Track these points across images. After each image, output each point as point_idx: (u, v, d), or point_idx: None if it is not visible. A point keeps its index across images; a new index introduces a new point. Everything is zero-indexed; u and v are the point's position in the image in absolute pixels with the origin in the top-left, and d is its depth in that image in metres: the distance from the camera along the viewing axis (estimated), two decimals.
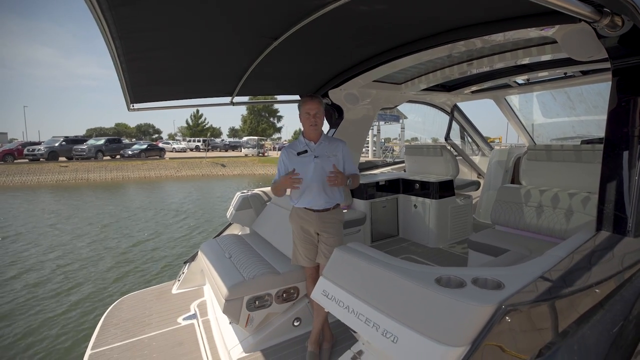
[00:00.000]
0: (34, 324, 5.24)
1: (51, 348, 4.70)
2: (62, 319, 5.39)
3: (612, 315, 1.10)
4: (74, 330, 5.08)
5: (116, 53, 1.94)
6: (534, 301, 1.06)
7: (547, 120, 5.22)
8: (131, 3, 1.47)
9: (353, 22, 2.09)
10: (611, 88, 1.58)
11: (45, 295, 6.15)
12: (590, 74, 3.70)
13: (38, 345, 4.77)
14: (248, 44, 2.30)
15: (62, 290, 6.37)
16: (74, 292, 6.30)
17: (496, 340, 0.99)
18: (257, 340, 2.33)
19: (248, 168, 29.60)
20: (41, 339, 4.90)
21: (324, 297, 1.53)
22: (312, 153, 2.24)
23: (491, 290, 1.10)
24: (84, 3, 1.30)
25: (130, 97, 2.84)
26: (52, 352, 4.63)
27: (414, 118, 19.50)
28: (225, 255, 2.79)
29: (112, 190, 19.90)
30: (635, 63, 1.51)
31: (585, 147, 2.85)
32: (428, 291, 1.16)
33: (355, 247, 1.66)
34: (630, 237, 1.34)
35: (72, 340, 4.85)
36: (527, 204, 2.87)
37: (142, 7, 1.54)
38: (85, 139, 29.89)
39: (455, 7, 1.92)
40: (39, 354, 4.58)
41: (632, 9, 1.30)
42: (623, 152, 1.47)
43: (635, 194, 1.39)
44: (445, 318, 1.08)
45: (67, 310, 5.63)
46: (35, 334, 5.00)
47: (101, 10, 1.41)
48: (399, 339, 1.14)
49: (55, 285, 6.54)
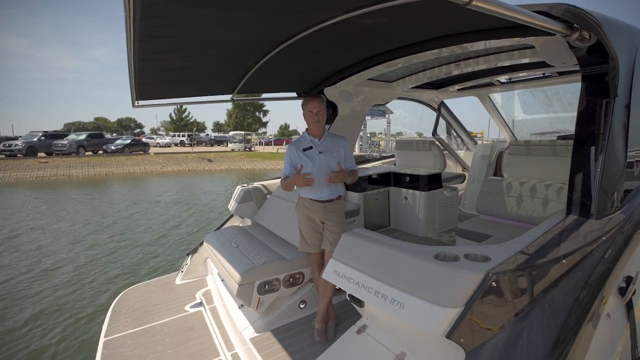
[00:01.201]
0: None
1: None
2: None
3: (575, 281, 1.35)
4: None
5: (133, 54, 2.05)
6: (514, 270, 1.29)
7: (527, 117, 5.57)
8: (159, 16, 1.61)
9: (355, 30, 2.27)
10: (580, 91, 1.83)
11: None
12: (566, 75, 4.02)
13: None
14: (256, 46, 2.44)
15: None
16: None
17: (485, 301, 1.22)
18: (266, 322, 2.53)
19: (235, 163, 29.43)
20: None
21: (335, 275, 1.73)
22: (316, 149, 2.43)
23: (480, 262, 1.33)
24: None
25: (136, 95, 2.94)
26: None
27: (401, 113, 19.92)
28: (233, 245, 2.96)
29: (102, 185, 19.51)
30: (600, 71, 1.76)
31: (560, 143, 3.15)
32: (428, 264, 1.38)
33: (360, 232, 1.87)
34: (593, 219, 1.60)
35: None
36: (509, 195, 3.16)
37: (167, 18, 1.68)
38: (65, 134, 28.98)
39: (446, 19, 2.13)
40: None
41: (597, 26, 1.54)
42: (590, 148, 1.72)
43: (598, 183, 1.65)
44: (443, 285, 1.30)
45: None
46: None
47: (133, 20, 1.54)
48: (405, 305, 1.36)
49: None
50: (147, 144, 32.24)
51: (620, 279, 1.51)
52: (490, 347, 1.18)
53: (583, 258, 1.43)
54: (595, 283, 1.38)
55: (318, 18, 2.00)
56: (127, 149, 29.00)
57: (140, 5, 1.39)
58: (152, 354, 2.51)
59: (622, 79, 1.74)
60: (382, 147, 30.74)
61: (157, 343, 2.65)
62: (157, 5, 1.48)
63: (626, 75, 1.80)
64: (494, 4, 1.13)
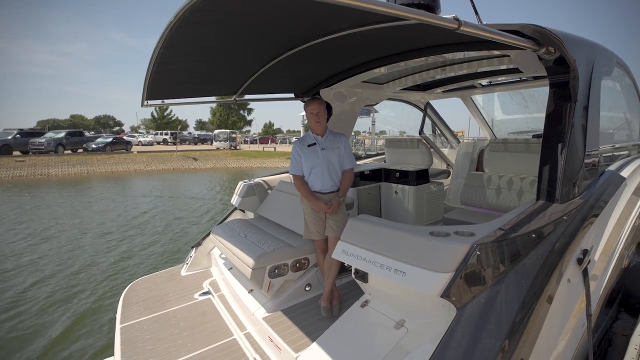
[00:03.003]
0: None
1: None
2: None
3: (542, 251, 1.68)
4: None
5: (156, 57, 2.22)
6: (494, 242, 1.60)
7: (505, 117, 6.03)
8: (194, 23, 1.78)
9: (354, 39, 2.54)
10: (548, 96, 2.17)
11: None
12: (540, 79, 4.43)
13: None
14: (265, 51, 2.66)
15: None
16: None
17: (471, 267, 1.52)
18: (276, 303, 2.78)
19: (221, 161, 29.27)
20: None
21: (345, 254, 2.01)
22: (319, 145, 2.70)
23: (467, 237, 1.63)
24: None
25: (147, 94, 3.10)
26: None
27: (387, 113, 20.38)
28: (241, 235, 3.19)
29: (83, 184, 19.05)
30: (563, 79, 2.10)
31: (533, 141, 3.55)
32: (425, 240, 1.68)
33: (364, 217, 2.16)
34: (557, 203, 1.95)
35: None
36: (489, 187, 3.53)
37: (197, 27, 1.87)
38: (42, 132, 28.08)
39: (433, 34, 2.43)
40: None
41: (559, 42, 1.88)
42: (556, 144, 2.06)
43: (561, 174, 1.99)
44: (437, 256, 1.60)
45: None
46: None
47: (171, 27, 1.71)
48: (406, 273, 1.65)
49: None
50: (129, 143, 31.62)
51: (578, 251, 1.85)
52: (476, 303, 1.48)
53: (549, 233, 1.77)
54: (558, 253, 1.72)
55: (328, 29, 2.25)
56: (108, 147, 28.38)
57: (184, 13, 1.52)
58: (169, 337, 2.71)
59: (581, 86, 2.09)
60: (367, 145, 31.24)
61: (172, 327, 2.85)
62: (196, 15, 1.61)
63: (584, 83, 2.15)
64: (478, 28, 1.43)
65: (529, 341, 1.43)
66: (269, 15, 1.89)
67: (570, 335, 1.77)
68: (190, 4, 1.41)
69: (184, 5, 1.44)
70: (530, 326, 1.44)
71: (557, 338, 1.68)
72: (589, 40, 2.43)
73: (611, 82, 3.15)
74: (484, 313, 1.45)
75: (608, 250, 2.31)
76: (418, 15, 1.23)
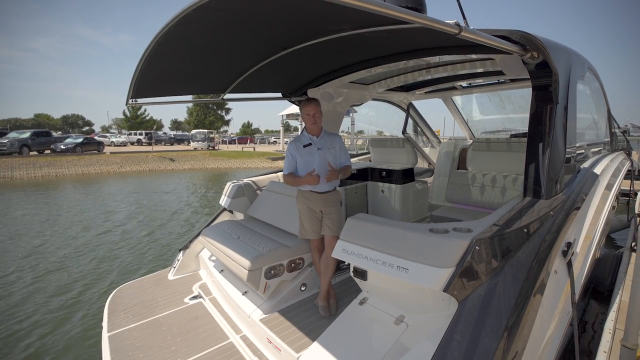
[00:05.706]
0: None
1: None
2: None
3: (533, 245, 1.78)
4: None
5: (148, 54, 2.14)
6: (490, 237, 1.69)
7: (483, 117, 6.28)
8: (188, 23, 1.75)
9: (345, 41, 2.57)
10: (531, 98, 2.29)
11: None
12: (517, 82, 4.66)
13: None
14: (258, 50, 2.62)
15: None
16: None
17: (471, 261, 1.60)
18: (272, 304, 2.77)
19: (199, 162, 28.57)
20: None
21: (345, 253, 2.04)
22: (315, 145, 2.72)
23: (465, 233, 1.71)
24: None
25: (133, 92, 2.98)
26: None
27: (367, 112, 20.60)
28: (233, 237, 3.15)
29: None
30: (546, 83, 2.23)
31: (514, 140, 3.73)
32: (426, 237, 1.74)
33: (362, 216, 2.20)
34: (543, 199, 2.07)
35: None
36: (474, 185, 3.67)
37: (195, 25, 1.83)
38: (4, 132, 26.38)
39: (428, 38, 2.50)
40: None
41: (543, 48, 2.00)
42: (540, 144, 2.19)
43: (546, 172, 2.11)
44: (438, 252, 1.66)
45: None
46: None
47: (169, 26, 1.68)
48: (409, 270, 1.70)
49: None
50: (101, 143, 30.25)
51: (563, 244, 1.98)
52: (476, 296, 1.56)
53: (537, 228, 1.87)
54: (546, 246, 1.83)
55: (327, 30, 2.27)
56: (79, 148, 27.02)
57: (188, 12, 1.50)
58: (162, 343, 2.64)
59: (561, 89, 2.23)
60: (347, 145, 31.41)
61: (164, 333, 2.77)
62: (197, 13, 1.57)
63: (564, 86, 2.29)
64: (477, 34, 1.50)
65: (526, 329, 1.52)
66: (269, 14, 1.88)
67: (557, 323, 1.90)
68: (199, 3, 1.39)
69: (190, 4, 1.43)
70: (526, 315, 1.53)
71: (547, 327, 1.79)
72: (565, 45, 2.60)
73: (583, 85, 3.37)
74: (484, 305, 1.52)
75: (587, 242, 2.48)
76: (422, 19, 1.27)
